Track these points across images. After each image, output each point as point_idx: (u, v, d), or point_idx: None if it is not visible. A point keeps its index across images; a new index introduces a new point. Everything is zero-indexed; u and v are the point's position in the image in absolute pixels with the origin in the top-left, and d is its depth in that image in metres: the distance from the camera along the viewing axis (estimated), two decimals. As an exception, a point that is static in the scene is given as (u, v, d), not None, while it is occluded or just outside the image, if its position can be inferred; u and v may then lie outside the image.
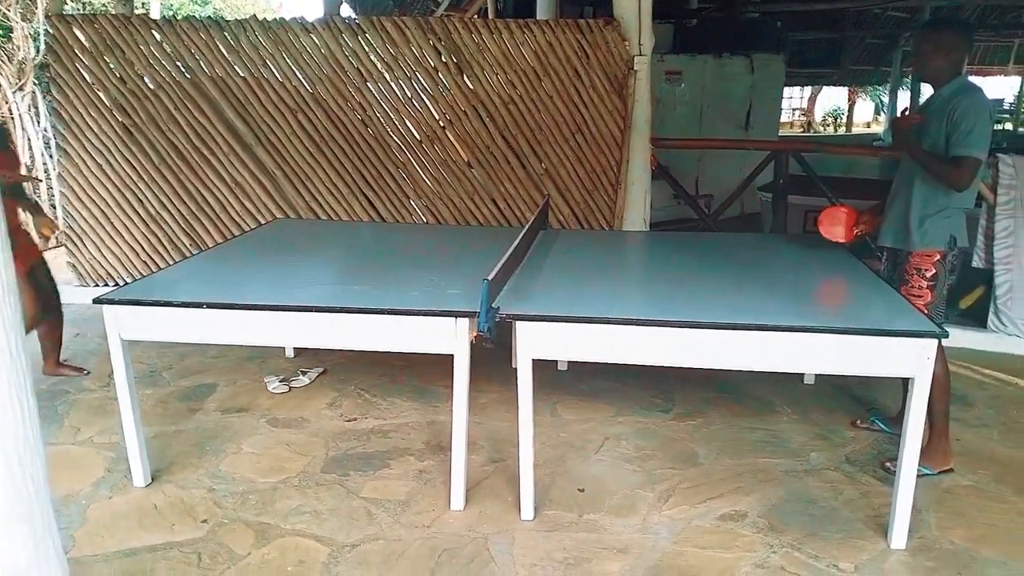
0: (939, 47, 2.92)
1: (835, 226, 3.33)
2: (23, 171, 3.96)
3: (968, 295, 4.79)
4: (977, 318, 4.66)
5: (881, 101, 21.73)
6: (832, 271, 3.22)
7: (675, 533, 2.69)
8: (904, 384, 3.25)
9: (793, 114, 22.81)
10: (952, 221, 2.95)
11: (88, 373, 4.02)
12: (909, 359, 2.45)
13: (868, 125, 23.72)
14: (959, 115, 2.82)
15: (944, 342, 2.49)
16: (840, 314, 2.61)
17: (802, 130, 22.16)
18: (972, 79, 3.06)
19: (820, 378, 3.93)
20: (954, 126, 2.83)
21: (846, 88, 21.00)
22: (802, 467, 3.14)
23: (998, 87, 20.57)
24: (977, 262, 4.55)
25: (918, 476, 2.64)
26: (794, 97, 22.56)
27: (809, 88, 22.19)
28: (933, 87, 3.01)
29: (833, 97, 23.98)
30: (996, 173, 4.40)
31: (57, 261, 6.12)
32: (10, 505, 1.49)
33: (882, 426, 3.44)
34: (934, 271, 2.97)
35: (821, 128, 23.20)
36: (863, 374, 2.62)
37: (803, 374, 3.94)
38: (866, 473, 3.09)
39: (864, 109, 24.47)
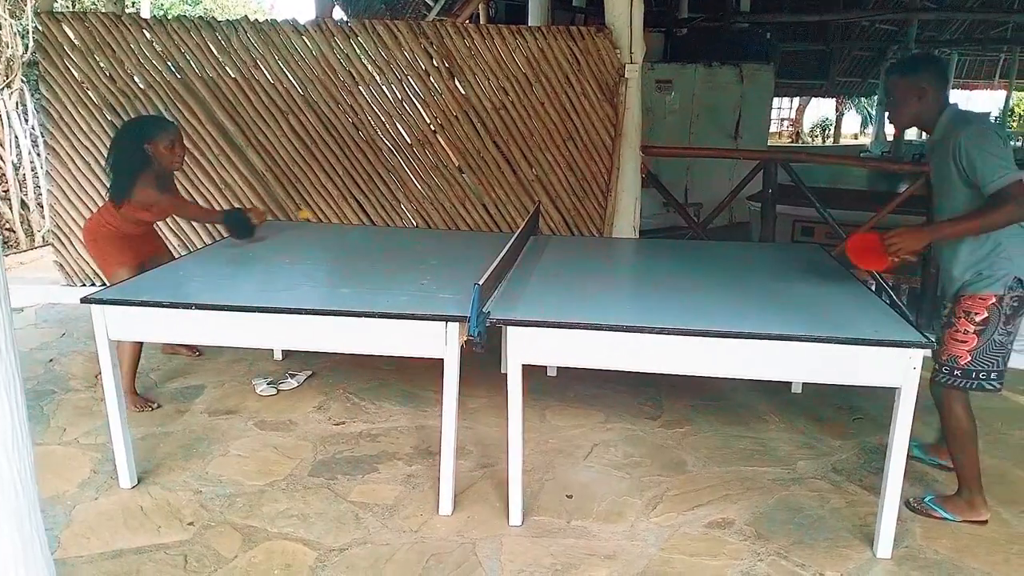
0: (911, 91, 2.73)
1: (868, 253, 2.88)
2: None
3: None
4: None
5: (869, 113, 21.91)
6: (820, 281, 3.24)
7: (662, 540, 2.70)
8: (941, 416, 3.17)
9: (782, 124, 22.96)
10: (1016, 262, 2.65)
11: (159, 407, 3.71)
12: (894, 369, 2.47)
13: (856, 136, 23.93)
14: (966, 152, 2.57)
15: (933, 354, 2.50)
16: (827, 323, 2.62)
17: (790, 140, 22.33)
18: (957, 103, 2.80)
19: (807, 387, 3.96)
20: (971, 166, 2.56)
21: (834, 99, 21.17)
22: (789, 476, 3.16)
23: (984, 102, 20.84)
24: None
25: (937, 517, 2.72)
26: (783, 108, 22.72)
27: (798, 99, 22.36)
28: (925, 132, 2.85)
29: (821, 108, 24.17)
30: None
31: (44, 260, 6.10)
32: (-3, 504, 1.48)
33: (921, 456, 3.25)
34: (985, 315, 2.68)
35: (809, 139, 23.38)
36: (849, 383, 2.63)
37: (790, 383, 3.96)
38: (852, 482, 3.11)
39: (852, 120, 24.68)
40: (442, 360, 2.70)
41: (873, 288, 3.08)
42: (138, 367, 3.69)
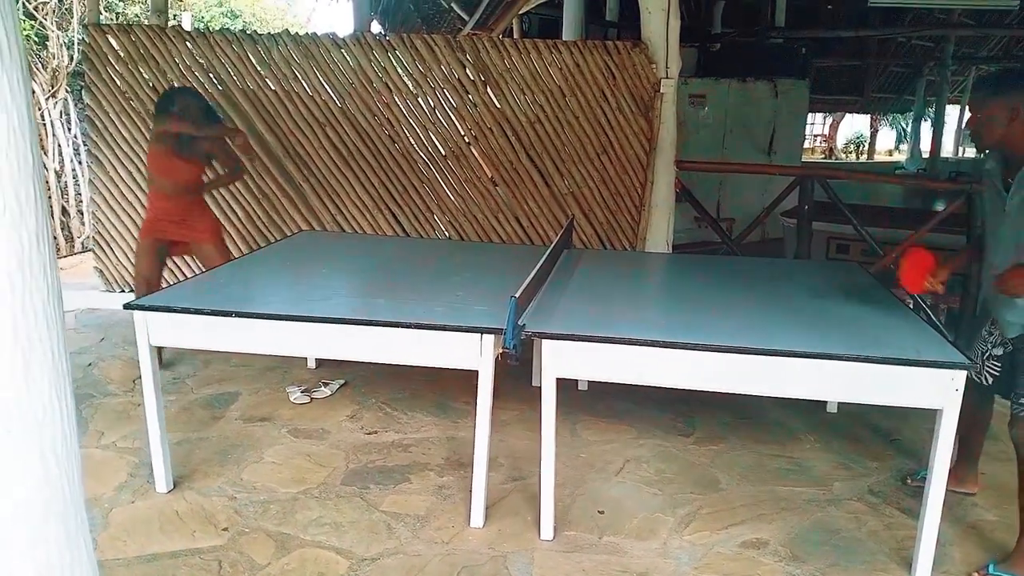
0: (1001, 111, 2.48)
1: (915, 271, 2.81)
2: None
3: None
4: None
5: (904, 130, 21.65)
6: (858, 298, 3.19)
7: (696, 559, 2.67)
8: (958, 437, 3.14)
9: (815, 140, 22.78)
10: None
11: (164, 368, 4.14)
12: (936, 390, 2.42)
13: (890, 153, 23.67)
14: None
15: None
16: (867, 342, 2.58)
17: (823, 156, 22.14)
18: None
19: (843, 407, 3.90)
20: None
21: (869, 116, 20.96)
22: (825, 496, 3.11)
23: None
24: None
25: None
26: (815, 123, 22.53)
27: (831, 115, 22.17)
28: (1008, 157, 2.59)
29: (855, 124, 23.95)
30: None
31: (83, 266, 6.21)
32: (46, 504, 1.50)
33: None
34: None
35: (843, 155, 23.17)
36: (888, 404, 2.59)
37: (826, 402, 3.90)
38: (890, 504, 3.05)
39: (886, 137, 24.41)
40: (475, 372, 2.71)
41: (911, 307, 3.02)
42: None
